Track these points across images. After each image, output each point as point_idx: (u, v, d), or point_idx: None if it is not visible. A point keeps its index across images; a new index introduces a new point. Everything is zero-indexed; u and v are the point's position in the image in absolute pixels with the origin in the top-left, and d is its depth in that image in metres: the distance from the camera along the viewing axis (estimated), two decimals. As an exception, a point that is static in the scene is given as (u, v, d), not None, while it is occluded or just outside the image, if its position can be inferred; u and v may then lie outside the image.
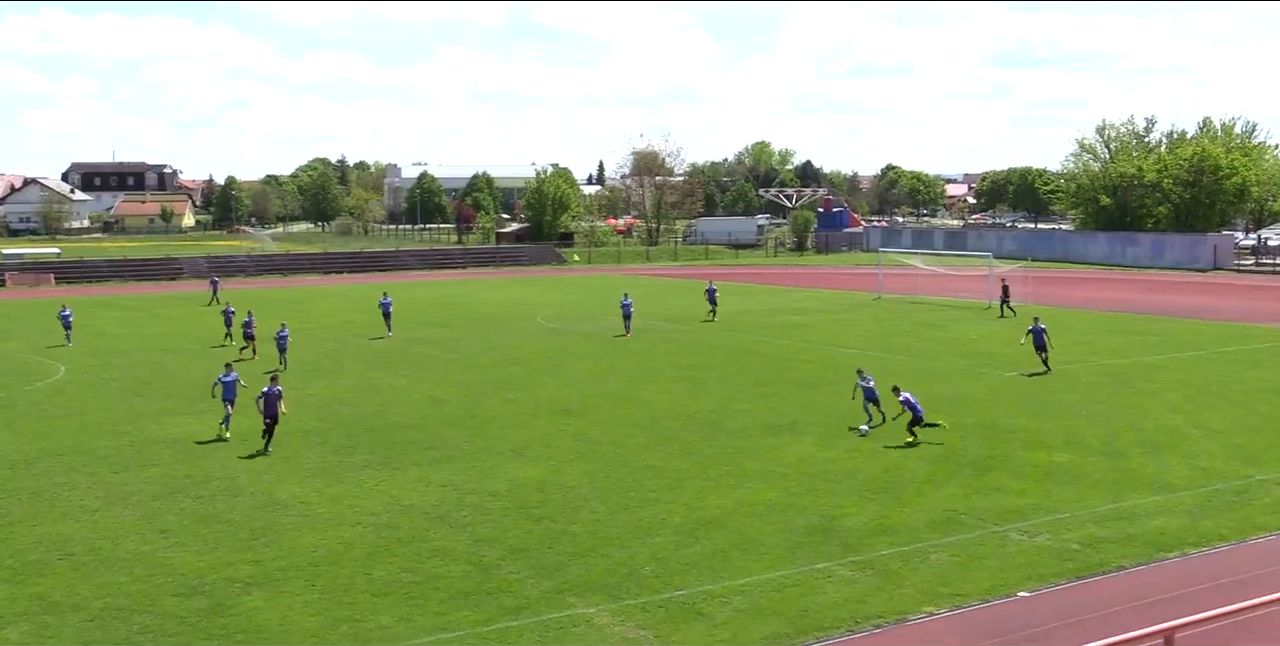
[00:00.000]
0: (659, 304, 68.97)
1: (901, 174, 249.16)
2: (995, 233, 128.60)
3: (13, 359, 47.98)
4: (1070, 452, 29.00)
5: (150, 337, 54.69)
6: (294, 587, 19.61)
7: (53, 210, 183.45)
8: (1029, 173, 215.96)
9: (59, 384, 41.40)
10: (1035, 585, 19.54)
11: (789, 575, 20.04)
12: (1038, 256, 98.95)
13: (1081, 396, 36.86)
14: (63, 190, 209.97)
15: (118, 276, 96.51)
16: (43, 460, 29.20)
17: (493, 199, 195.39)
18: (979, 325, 57.08)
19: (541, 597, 19.03)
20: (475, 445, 30.54)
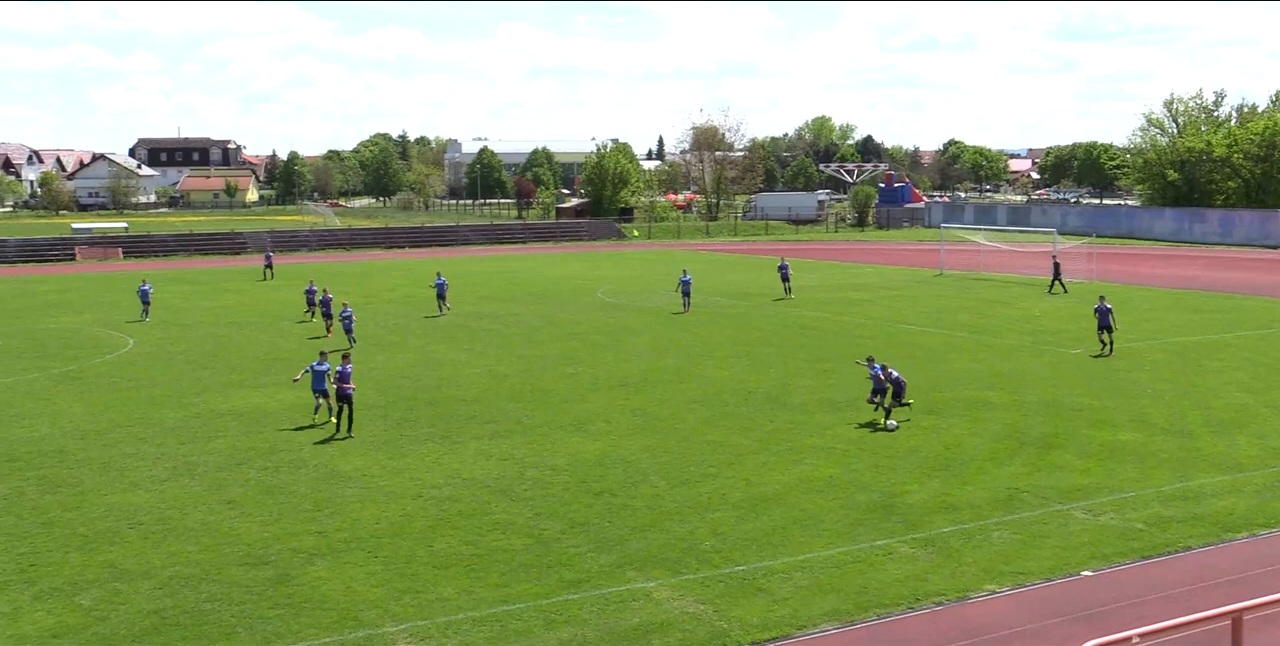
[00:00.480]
0: (718, 279, 68.80)
1: (964, 149, 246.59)
2: (1059, 208, 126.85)
3: (83, 331, 48.79)
4: (1136, 431, 28.64)
5: (215, 311, 55.38)
6: (357, 558, 19.83)
7: (120, 185, 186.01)
8: (1094, 148, 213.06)
9: (128, 356, 42.05)
10: (1099, 564, 19.34)
11: (849, 551, 19.98)
12: (1102, 232, 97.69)
13: (1147, 374, 36.36)
14: (130, 165, 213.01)
15: (183, 250, 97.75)
16: (112, 431, 29.70)
17: (553, 174, 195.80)
18: (1043, 302, 56.43)
19: (601, 571, 19.11)
20: (535, 419, 30.67)
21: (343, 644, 16.28)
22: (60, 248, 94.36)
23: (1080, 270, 68.17)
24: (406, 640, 16.41)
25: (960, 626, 16.81)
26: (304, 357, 40.78)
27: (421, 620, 17.10)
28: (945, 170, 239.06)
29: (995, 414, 30.49)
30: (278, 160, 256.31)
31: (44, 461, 26.59)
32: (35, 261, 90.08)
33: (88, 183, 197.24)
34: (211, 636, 16.57)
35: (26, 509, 22.86)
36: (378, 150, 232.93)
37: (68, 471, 25.69)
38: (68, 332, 48.32)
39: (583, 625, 16.89)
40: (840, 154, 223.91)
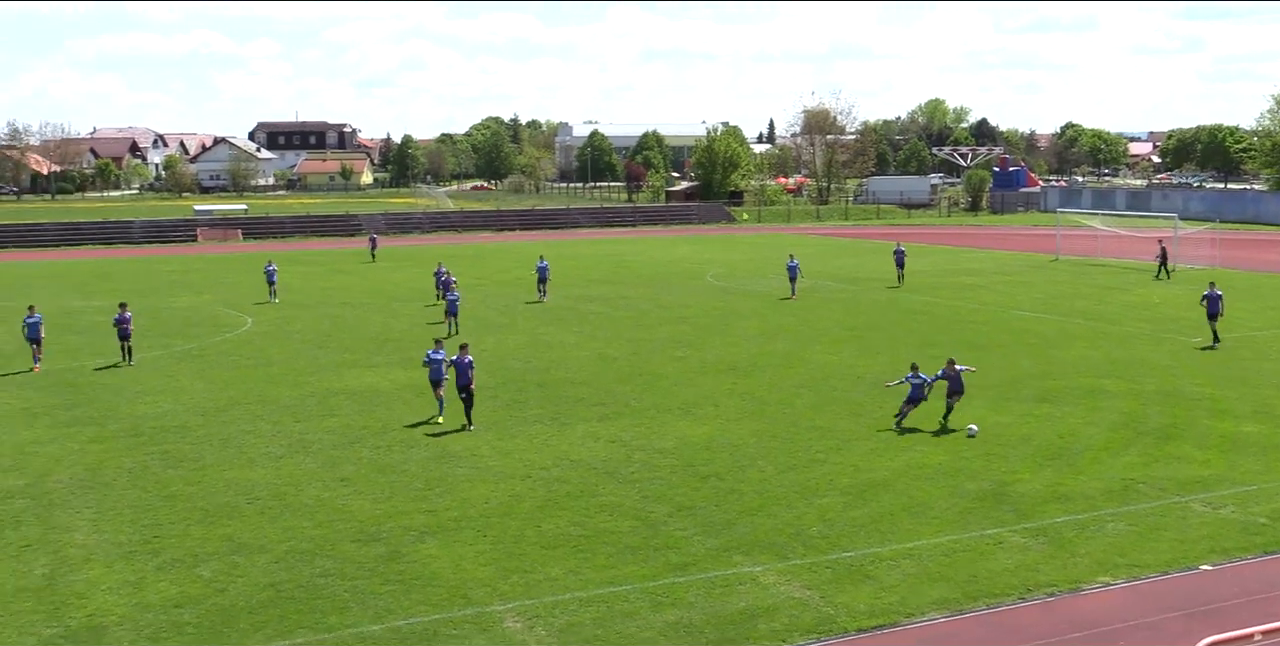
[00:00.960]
0: (828, 263, 68.28)
1: (1082, 132, 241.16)
2: (1181, 193, 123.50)
3: (203, 311, 50.06)
4: (1259, 422, 27.81)
5: (330, 292, 56.43)
6: (467, 537, 20.10)
7: (240, 168, 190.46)
8: (1219, 130, 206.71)
9: (246, 335, 43.05)
10: (1218, 559, 18.85)
11: (959, 540, 19.74)
12: (1226, 218, 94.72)
13: (1273, 364, 35.27)
14: (249, 148, 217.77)
15: (300, 232, 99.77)
16: (231, 408, 30.46)
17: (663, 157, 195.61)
18: (1162, 288, 55.05)
19: (708, 555, 19.13)
20: (643, 402, 30.75)
21: (451, 621, 16.53)
22: (183, 229, 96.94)
23: (1203, 256, 66.37)
24: (514, 618, 16.60)
25: (1072, 618, 16.51)
26: (415, 338, 41.43)
27: (529, 599, 17.28)
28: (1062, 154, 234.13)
29: (1111, 403, 29.84)
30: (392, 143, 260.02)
31: (167, 437, 27.38)
32: (159, 242, 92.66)
33: (209, 165, 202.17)
34: (324, 610, 16.93)
35: (151, 482, 23.57)
36: (489, 133, 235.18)
37: (189, 447, 26.42)
38: (189, 312, 49.63)
39: (689, 608, 16.93)
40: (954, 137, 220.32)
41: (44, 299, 52.93)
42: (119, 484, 23.48)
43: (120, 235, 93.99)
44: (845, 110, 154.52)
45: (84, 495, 22.72)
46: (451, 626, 16.35)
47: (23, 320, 37.00)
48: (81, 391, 32.63)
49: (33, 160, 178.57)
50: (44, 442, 26.87)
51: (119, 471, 24.38)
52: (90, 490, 23.05)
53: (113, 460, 25.28)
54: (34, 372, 35.33)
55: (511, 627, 16.30)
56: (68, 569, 18.71)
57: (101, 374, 35.27)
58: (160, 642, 15.88)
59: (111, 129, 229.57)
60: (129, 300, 41.40)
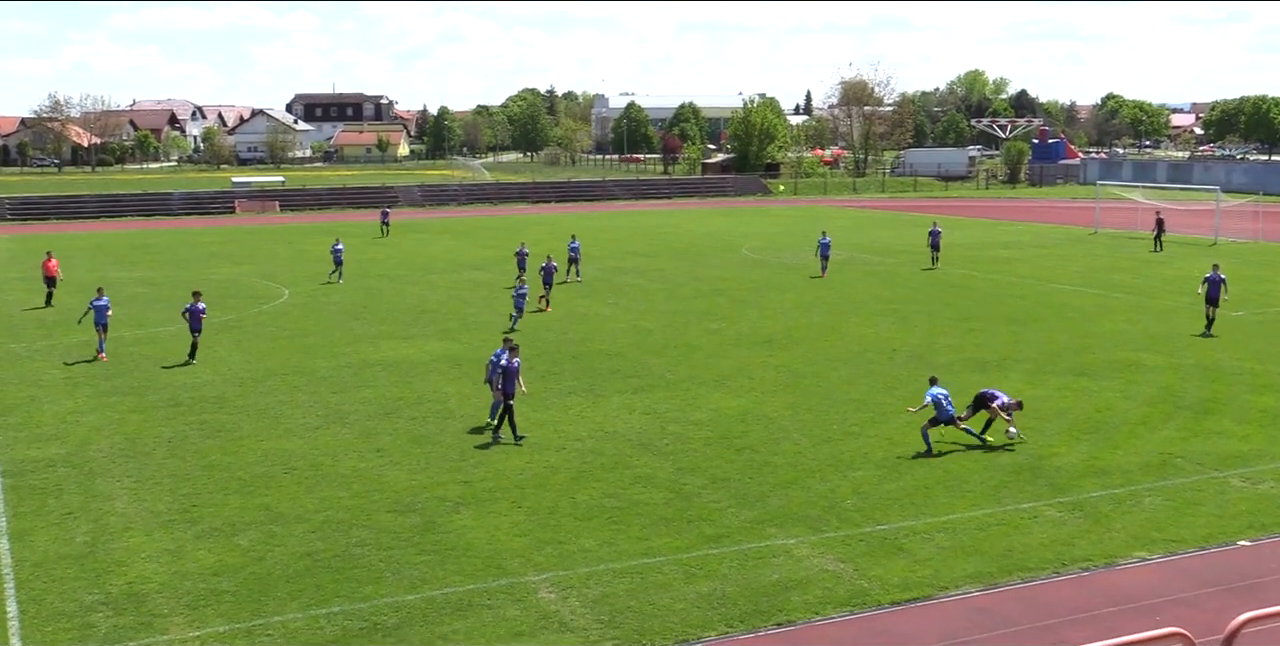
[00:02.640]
0: (865, 236, 67.93)
1: (1123, 103, 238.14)
2: (1224, 165, 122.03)
3: (241, 282, 50.36)
4: (1299, 397, 27.53)
5: (366, 264, 56.61)
6: (501, 508, 20.18)
7: (278, 140, 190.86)
8: (1264, 101, 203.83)
9: (283, 306, 43.30)
10: (1257, 534, 18.69)
11: (993, 514, 19.66)
12: (1270, 191, 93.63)
13: (1314, 339, 34.89)
14: (287, 120, 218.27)
15: (336, 204, 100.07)
16: (268, 379, 30.67)
17: (699, 129, 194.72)
18: (1203, 261, 54.41)
19: (742, 527, 19.13)
20: (678, 374, 30.74)
21: (486, 591, 16.62)
22: (221, 201, 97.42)
23: (1246, 230, 65.59)
24: (548, 589, 16.67)
25: (1107, 593, 16.43)
26: (451, 310, 41.55)
27: (563, 570, 17.35)
28: (1102, 126, 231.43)
29: (1149, 377, 29.59)
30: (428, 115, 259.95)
31: (205, 407, 27.61)
32: (198, 214, 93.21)
33: (247, 137, 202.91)
34: (361, 579, 17.06)
35: (189, 452, 23.78)
36: (526, 105, 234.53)
37: (227, 417, 26.63)
38: (227, 283, 49.94)
39: (722, 580, 16.95)
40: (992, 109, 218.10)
41: (84, 272, 53.39)
42: (158, 453, 23.71)
43: (159, 207, 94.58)
44: (883, 82, 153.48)
45: (124, 464, 22.96)
46: (486, 596, 16.44)
47: (89, 303, 34.16)
48: (122, 362, 32.92)
49: (73, 132, 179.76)
50: (84, 412, 27.16)
51: (158, 441, 24.62)
52: (130, 459, 23.29)
53: (152, 430, 25.53)
54: (100, 361, 32.78)
55: (545, 598, 16.38)
56: (108, 537, 18.93)
57: (141, 345, 35.54)
58: (198, 610, 16.06)
59: (151, 101, 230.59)
60: (169, 272, 41.58)
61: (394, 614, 15.91)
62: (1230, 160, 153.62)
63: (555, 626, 15.51)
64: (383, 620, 15.72)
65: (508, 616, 15.81)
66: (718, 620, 15.65)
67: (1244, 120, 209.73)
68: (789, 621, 15.63)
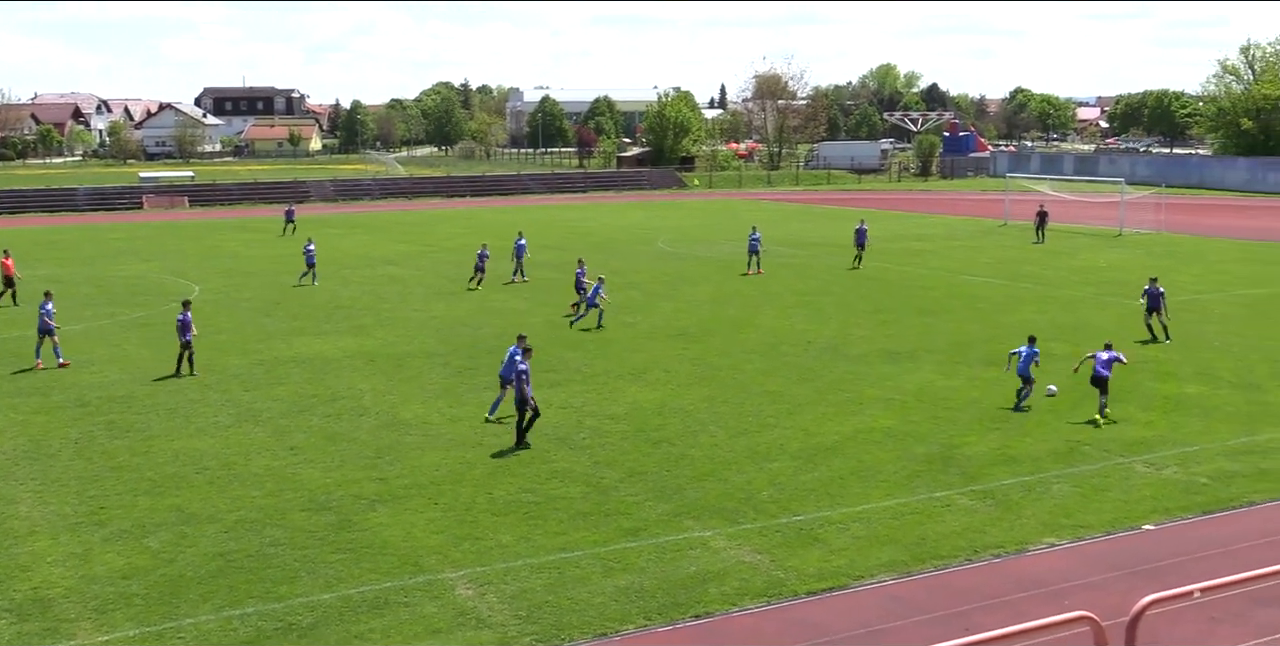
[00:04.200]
0: (779, 229, 68.37)
1: (1031, 97, 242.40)
2: (1128, 158, 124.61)
3: (150, 279, 49.45)
4: (1201, 384, 28.23)
5: (278, 260, 55.88)
6: (417, 505, 20.05)
7: (186, 134, 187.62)
8: (1166, 96, 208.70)
9: (194, 304, 42.44)
10: (1160, 518, 19.14)
11: (907, 503, 19.91)
12: (1172, 182, 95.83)
13: (1215, 327, 35.78)
14: (196, 114, 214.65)
15: (247, 199, 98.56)
16: (178, 378, 30.13)
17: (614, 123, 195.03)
18: (1109, 253, 55.59)
19: (659, 520, 19.19)
20: (594, 368, 30.74)
21: (403, 589, 16.50)
22: (128, 196, 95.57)
23: (1148, 221, 67.04)
24: (465, 585, 16.60)
25: (1018, 578, 16.72)
26: (365, 306, 41.15)
27: (480, 566, 17.28)
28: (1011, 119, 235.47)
29: (1057, 366, 30.12)
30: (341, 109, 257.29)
31: (113, 406, 27.08)
32: (104, 210, 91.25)
33: (155, 132, 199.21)
34: (275, 579, 16.85)
35: (96, 453, 23.31)
36: (440, 99, 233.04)
37: (136, 417, 26.14)
38: (136, 280, 49.01)
39: (640, 573, 16.99)
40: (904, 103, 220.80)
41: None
42: (64, 455, 23.21)
43: (64, 203, 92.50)
44: (797, 75, 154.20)
45: (28, 466, 22.45)
46: (402, 594, 16.33)
47: (39, 306, 32.14)
48: (25, 361, 32.16)
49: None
50: (-13, 413, 26.51)
51: (64, 442, 24.10)
52: (34, 461, 22.78)
53: (57, 431, 24.98)
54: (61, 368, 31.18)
55: (463, 595, 16.30)
56: (12, 541, 18.50)
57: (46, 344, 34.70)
58: (107, 614, 15.76)
59: (53, 94, 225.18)
60: (75, 269, 40.68)
61: (309, 613, 15.74)
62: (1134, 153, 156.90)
63: (473, 623, 15.45)
64: (298, 620, 15.55)
65: (425, 614, 15.71)
66: (635, 613, 15.69)
67: (1147, 114, 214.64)
68: (706, 613, 15.71)
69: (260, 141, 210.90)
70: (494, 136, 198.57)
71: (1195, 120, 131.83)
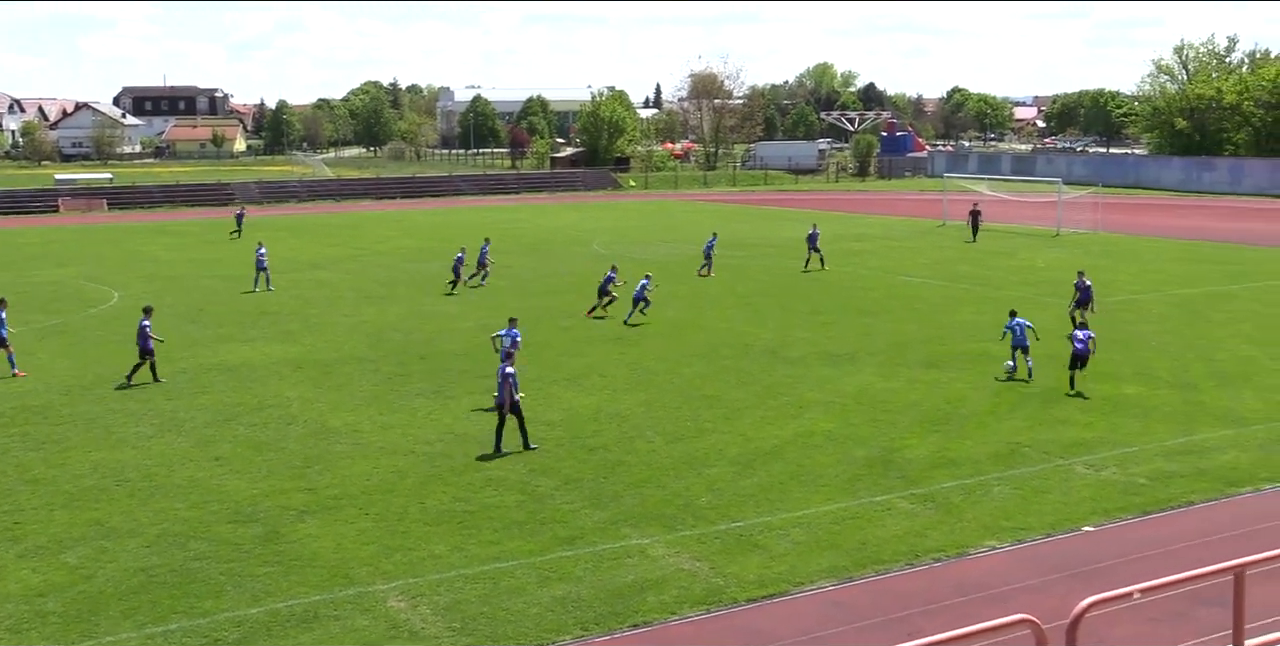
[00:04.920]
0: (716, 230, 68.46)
1: (968, 97, 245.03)
2: (1065, 157, 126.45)
3: (67, 285, 48.66)
4: (1139, 384, 28.67)
5: (202, 264, 55.21)
6: (347, 515, 19.87)
7: (105, 135, 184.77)
8: (1101, 95, 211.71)
9: (114, 310, 41.94)
10: (1100, 520, 19.41)
11: (847, 507, 20.03)
12: (1109, 182, 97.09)
13: (1152, 327, 36.36)
14: (114, 115, 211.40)
15: (169, 202, 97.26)
16: (98, 386, 29.68)
17: (547, 123, 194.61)
18: (1046, 253, 56.32)
19: (596, 528, 19.16)
20: (529, 373, 30.61)
21: (333, 601, 16.34)
22: (43, 199, 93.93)
23: (1085, 221, 67.98)
24: (398, 597, 16.47)
25: (959, 582, 16.88)
26: (293, 311, 40.75)
27: (413, 577, 17.16)
28: (949, 119, 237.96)
29: (997, 368, 30.47)
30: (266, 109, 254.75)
31: (28, 417, 26.59)
32: (17, 213, 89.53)
33: (71, 132, 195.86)
34: (200, 594, 16.62)
35: (10, 466, 22.87)
36: (368, 98, 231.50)
37: (52, 428, 25.69)
38: (52, 286, 48.20)
39: (577, 582, 16.95)
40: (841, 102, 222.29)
41: (-107, 274, 50.94)
42: (-23, 468, 22.75)
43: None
44: (733, 74, 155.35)
45: (-60, 480, 21.98)
46: (332, 607, 16.17)
47: None
48: (-64, 371, 31.50)
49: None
50: (-105, 426, 25.93)
51: (-23, 455, 23.63)
52: (-54, 475, 22.31)
53: (-30, 443, 24.49)
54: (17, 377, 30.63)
55: (395, 607, 16.18)
56: (-77, 558, 18.10)
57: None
58: (22, 633, 15.46)
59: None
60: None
61: (235, 628, 15.54)
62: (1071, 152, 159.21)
63: (405, 635, 15.33)
64: (224, 636, 15.34)
65: (356, 627, 15.57)
66: (572, 623, 15.65)
67: (1083, 113, 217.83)
68: (645, 622, 15.71)
69: (182, 142, 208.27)
70: (424, 137, 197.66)
71: (1131, 120, 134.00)
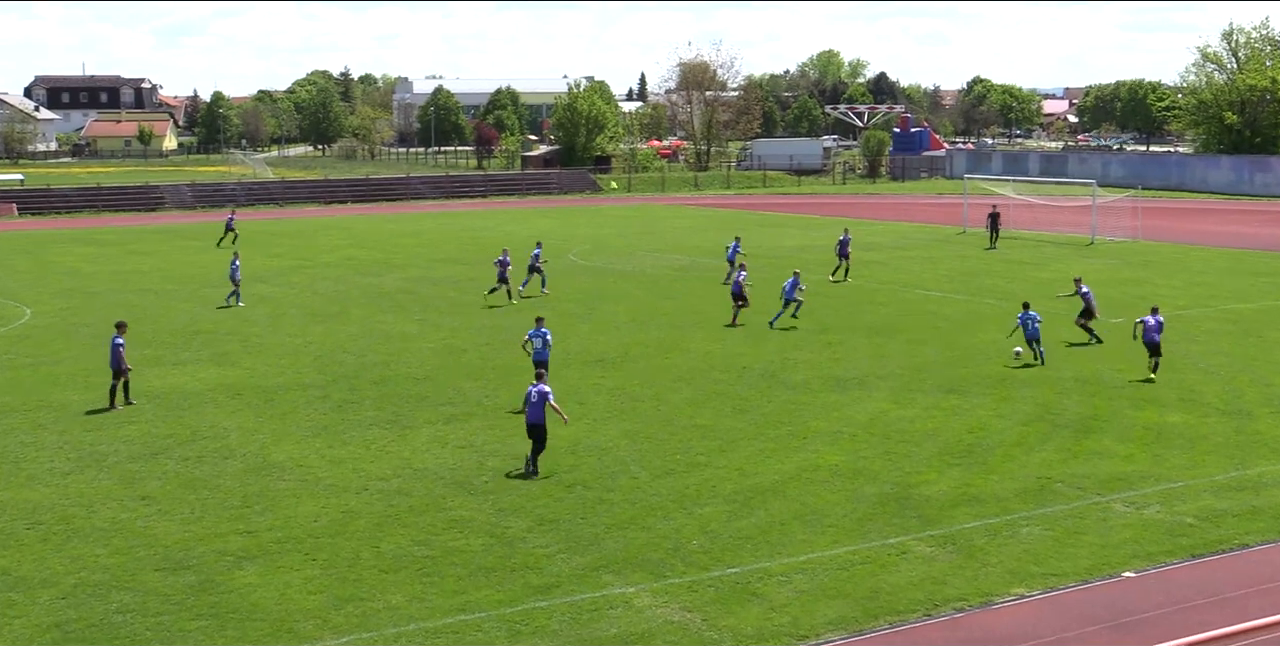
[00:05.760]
0: (708, 238, 68.74)
1: (991, 88, 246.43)
2: (1100, 156, 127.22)
3: (-27, 301, 48.53)
4: (1186, 412, 28.77)
5: (126, 276, 55.11)
6: (292, 562, 19.82)
7: (14, 130, 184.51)
8: (1140, 86, 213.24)
9: (24, 329, 41.84)
10: (1142, 564, 19.44)
11: (858, 551, 20.04)
12: (1149, 184, 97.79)
13: (1199, 346, 36.53)
14: (26, 107, 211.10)
15: (90, 206, 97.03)
16: (6, 416, 29.59)
17: (518, 118, 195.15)
18: (1080, 263, 56.54)
19: (573, 575, 19.14)
20: (498, 400, 30.65)
21: (275, 660, 16.29)
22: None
23: (1123, 227, 68.31)
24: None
25: (984, 635, 16.89)
26: (230, 330, 40.68)
27: (366, 632, 17.12)
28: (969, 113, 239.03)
29: (1025, 392, 30.57)
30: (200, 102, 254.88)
31: (-71, 451, 26.51)
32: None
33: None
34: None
35: (-92, 506, 22.79)
36: (316, 90, 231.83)
37: (-44, 463, 25.61)
38: (-44, 302, 48.05)
39: (552, 637, 16.93)
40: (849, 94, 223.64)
41: None
42: None
43: None
44: (727, 63, 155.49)
45: None
46: (274, 666, 16.12)
47: None
48: None
49: None
50: None
51: None
52: None
53: None
54: None
55: (345, 665, 16.14)
56: None
57: None
58: (-78, 696, 15.37)
59: None
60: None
61: (164, 691, 15.47)
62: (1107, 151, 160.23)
63: (357, 698, 15.28)
64: (150, 699, 15.27)
65: (301, 689, 15.51)
66: (547, 683, 15.61)
67: (1120, 107, 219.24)
68: (629, 682, 15.68)
69: (104, 139, 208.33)
70: (379, 134, 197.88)
71: (1174, 114, 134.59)
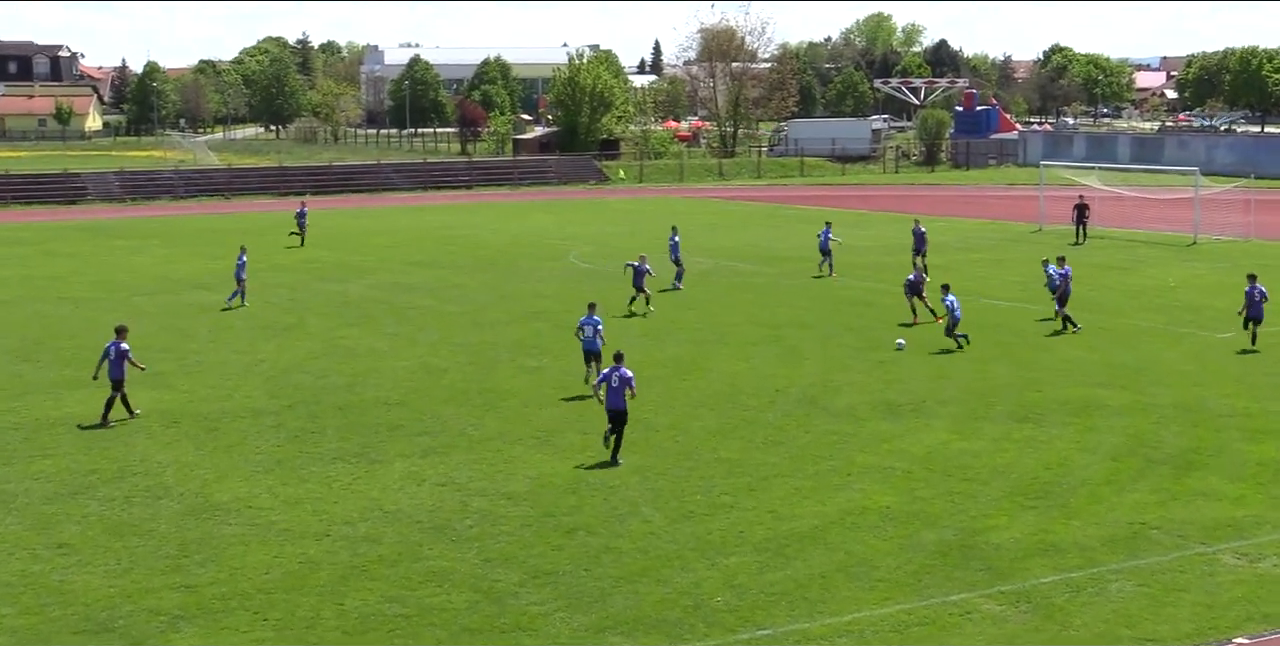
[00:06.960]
0: (735, 238, 68.76)
1: (1073, 58, 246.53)
2: (1204, 139, 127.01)
3: None
4: (1306, 445, 28.71)
5: (41, 283, 55.21)
6: (238, 622, 19.81)
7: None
8: (1254, 55, 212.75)
9: (-78, 345, 41.93)
10: (1257, 628, 19.35)
11: (913, 610, 20.00)
12: (1263, 172, 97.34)
13: (1323, 367, 36.44)
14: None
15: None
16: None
17: (510, 94, 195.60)
18: (1179, 267, 56.46)
19: (575, 637, 19.13)
20: (485, 430, 30.65)
21: (218, 738, 16.30)
22: None
23: (1232, 224, 68.08)
24: (306, 733, 16.44)
25: (1065, 712, 16.84)
26: (165, 345, 40.68)
27: (327, 706, 17.13)
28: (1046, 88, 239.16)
29: (1114, 421, 30.49)
30: (129, 74, 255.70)
31: None
32: None
33: None
34: (38, 729, 16.59)
35: None
36: (268, 61, 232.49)
37: None
38: None
39: (548, 712, 16.92)
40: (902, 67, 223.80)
41: None
42: None
43: None
44: (757, 29, 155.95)
45: None
46: (217, 746, 16.13)
47: None
48: None
49: None
50: None
51: None
52: None
53: None
54: None
55: (302, 746, 16.15)
56: None
57: None
58: None
59: None
60: None
61: None
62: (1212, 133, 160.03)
63: None
64: None
65: None
66: (543, 768, 15.61)
67: (1229, 80, 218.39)
68: (641, 766, 15.66)
69: (13, 117, 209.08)
70: (344, 112, 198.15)
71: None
